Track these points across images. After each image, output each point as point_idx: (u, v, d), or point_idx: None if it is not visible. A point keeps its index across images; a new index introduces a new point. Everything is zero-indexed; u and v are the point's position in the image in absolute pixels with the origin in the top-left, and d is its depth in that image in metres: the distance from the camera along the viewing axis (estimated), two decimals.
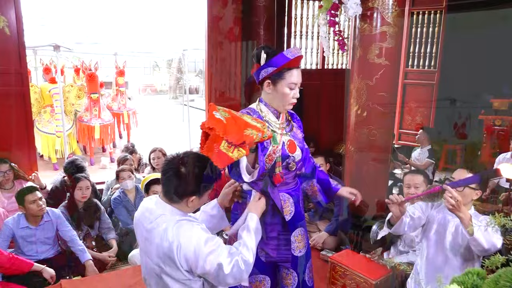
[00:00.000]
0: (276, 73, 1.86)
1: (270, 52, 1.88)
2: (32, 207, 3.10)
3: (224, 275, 1.50)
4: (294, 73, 1.87)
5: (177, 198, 1.59)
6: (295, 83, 1.88)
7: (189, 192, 1.58)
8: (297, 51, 1.89)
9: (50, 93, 6.05)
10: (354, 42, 3.79)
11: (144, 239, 1.63)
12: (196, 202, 1.62)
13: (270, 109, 1.95)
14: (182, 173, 1.55)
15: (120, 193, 3.99)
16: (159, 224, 1.56)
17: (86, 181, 3.61)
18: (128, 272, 3.20)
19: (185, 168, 1.55)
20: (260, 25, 5.34)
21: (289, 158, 1.94)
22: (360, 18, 3.59)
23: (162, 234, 1.53)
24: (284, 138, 1.95)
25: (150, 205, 1.67)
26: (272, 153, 1.89)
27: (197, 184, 1.58)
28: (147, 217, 1.63)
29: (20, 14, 4.11)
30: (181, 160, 1.57)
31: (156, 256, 1.56)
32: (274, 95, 1.91)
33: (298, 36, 6.39)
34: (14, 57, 4.13)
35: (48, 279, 2.97)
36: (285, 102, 1.91)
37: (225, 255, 1.53)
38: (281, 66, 1.84)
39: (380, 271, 2.59)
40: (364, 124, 3.68)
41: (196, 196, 1.60)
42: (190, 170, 1.55)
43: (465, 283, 1.19)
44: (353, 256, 2.84)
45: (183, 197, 1.59)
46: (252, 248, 1.63)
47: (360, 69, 3.69)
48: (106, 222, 3.72)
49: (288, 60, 1.83)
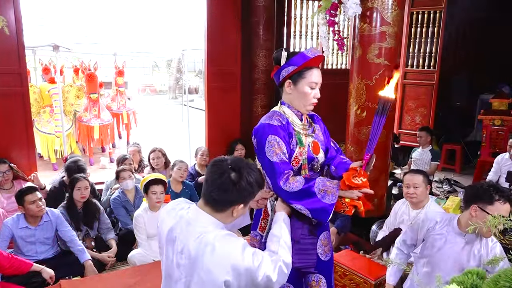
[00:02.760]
0: (296, 72, 1.85)
1: (290, 53, 1.88)
2: (31, 207, 3.10)
3: (272, 284, 1.46)
4: (314, 72, 1.86)
5: (224, 207, 1.47)
6: (315, 83, 1.87)
7: (239, 200, 1.47)
8: (316, 50, 1.89)
9: (49, 93, 6.05)
10: (354, 42, 3.79)
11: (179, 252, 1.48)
12: (241, 211, 1.51)
13: (294, 111, 1.93)
14: (234, 180, 1.43)
15: (120, 193, 3.99)
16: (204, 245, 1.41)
17: (85, 181, 3.60)
18: (128, 272, 3.19)
19: (237, 175, 1.44)
20: (259, 25, 5.34)
21: (314, 160, 1.92)
22: (360, 18, 3.59)
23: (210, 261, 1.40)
24: (308, 140, 1.93)
25: (185, 215, 1.51)
26: (299, 155, 1.87)
27: (249, 191, 1.47)
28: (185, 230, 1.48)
29: (19, 14, 4.11)
30: (231, 166, 1.45)
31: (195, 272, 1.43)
32: (295, 95, 1.90)
33: (298, 36, 6.39)
34: (13, 57, 4.12)
35: (47, 279, 2.96)
36: (306, 101, 1.89)
37: (269, 265, 1.46)
38: (302, 65, 1.83)
39: (380, 271, 2.59)
40: (364, 124, 3.68)
41: (243, 204, 1.49)
42: (243, 176, 1.44)
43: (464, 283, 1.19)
44: (353, 256, 2.84)
45: (230, 206, 1.47)
46: (288, 246, 1.60)
47: (359, 69, 3.69)
48: (105, 223, 3.72)
49: (308, 59, 1.82)
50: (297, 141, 1.87)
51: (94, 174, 5.46)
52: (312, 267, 1.92)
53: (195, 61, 20.16)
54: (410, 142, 6.37)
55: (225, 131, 5.42)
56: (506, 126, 5.46)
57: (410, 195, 2.99)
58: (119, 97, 7.28)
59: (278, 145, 1.79)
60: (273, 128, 1.82)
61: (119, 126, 7.58)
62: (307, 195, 1.72)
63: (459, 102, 6.64)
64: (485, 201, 1.98)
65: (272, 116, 1.88)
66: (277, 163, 1.77)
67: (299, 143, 1.87)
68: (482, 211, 1.97)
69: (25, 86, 4.32)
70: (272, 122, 1.84)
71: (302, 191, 1.73)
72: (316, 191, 1.72)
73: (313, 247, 1.93)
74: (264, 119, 1.88)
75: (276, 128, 1.82)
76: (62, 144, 5.90)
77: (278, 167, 1.77)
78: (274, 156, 1.78)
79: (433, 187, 5.15)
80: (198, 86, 20.96)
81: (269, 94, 5.55)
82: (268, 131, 1.81)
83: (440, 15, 6.29)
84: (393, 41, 3.56)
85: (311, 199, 1.72)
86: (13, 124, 4.25)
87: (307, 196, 1.72)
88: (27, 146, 4.38)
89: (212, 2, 5.11)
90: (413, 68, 6.66)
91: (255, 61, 5.44)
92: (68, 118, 6.27)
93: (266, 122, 1.85)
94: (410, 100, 6.73)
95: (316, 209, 1.72)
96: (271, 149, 1.78)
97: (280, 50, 1.91)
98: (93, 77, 6.28)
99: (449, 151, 6.44)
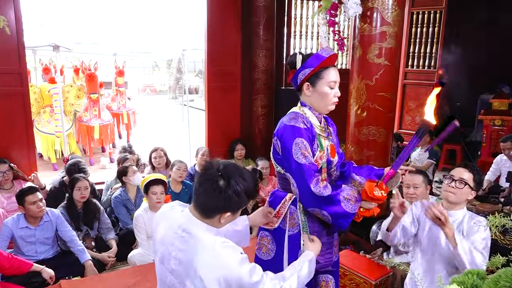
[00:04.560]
0: (314, 73, 1.82)
1: (304, 55, 1.87)
2: (32, 208, 3.10)
3: None
4: (331, 71, 1.84)
5: (210, 213, 1.44)
6: (334, 81, 1.84)
7: (225, 208, 1.43)
8: (330, 49, 1.87)
9: (49, 93, 6.05)
10: (354, 42, 3.79)
11: (173, 257, 1.46)
12: (229, 218, 1.47)
13: (314, 113, 1.90)
14: (221, 187, 1.39)
15: (122, 192, 3.99)
16: (198, 251, 1.40)
17: (85, 182, 3.60)
18: (128, 272, 3.20)
19: (225, 183, 1.39)
20: (259, 25, 5.34)
21: (331, 163, 1.91)
22: (360, 18, 3.58)
23: (200, 264, 1.38)
24: (326, 143, 1.91)
25: (178, 219, 1.49)
26: (319, 158, 1.84)
27: (236, 200, 1.42)
28: (178, 234, 1.45)
29: (19, 14, 4.11)
30: (221, 173, 1.41)
31: (186, 276, 1.42)
32: (315, 97, 1.86)
33: (298, 36, 6.39)
34: (13, 57, 4.13)
35: (47, 279, 2.96)
36: (328, 102, 1.86)
37: (270, 285, 1.44)
38: (318, 66, 1.81)
39: (380, 271, 2.59)
40: (364, 124, 3.68)
41: (230, 212, 1.45)
42: (231, 185, 1.39)
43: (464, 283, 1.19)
44: (353, 256, 2.84)
45: (217, 213, 1.44)
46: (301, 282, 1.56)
47: (360, 69, 3.69)
48: (106, 223, 3.72)
49: (323, 59, 1.80)
50: (318, 144, 1.85)
51: (94, 174, 5.46)
52: (329, 267, 1.97)
53: (195, 61, 20.15)
54: None
55: (225, 131, 5.42)
56: (507, 126, 5.46)
57: (410, 195, 2.99)
58: (119, 97, 7.28)
59: (305, 148, 1.76)
60: (299, 131, 1.78)
61: (119, 126, 7.58)
62: (333, 202, 1.73)
63: (459, 102, 6.63)
64: None
65: (296, 118, 1.83)
66: (306, 166, 1.74)
67: (320, 146, 1.85)
68: None
69: (25, 86, 4.32)
70: (297, 124, 1.80)
71: (330, 197, 1.72)
72: (341, 199, 1.72)
73: (330, 246, 1.97)
74: (288, 121, 1.82)
75: (302, 131, 1.79)
76: (62, 144, 5.89)
77: (308, 169, 1.73)
78: (303, 158, 1.74)
79: (433, 187, 5.15)
80: (198, 86, 20.95)
81: (269, 94, 5.55)
82: (295, 134, 1.77)
83: (440, 15, 6.29)
84: (394, 41, 3.56)
85: (336, 206, 1.73)
86: (13, 124, 4.25)
87: (332, 203, 1.73)
88: (27, 146, 4.38)
89: (212, 2, 5.11)
90: (413, 68, 6.66)
91: (255, 61, 5.44)
92: (68, 118, 6.26)
93: (291, 124, 1.80)
94: (410, 100, 6.73)
95: (338, 215, 1.73)
96: (299, 152, 1.75)
97: (294, 54, 1.88)
98: (93, 77, 6.28)
99: (449, 151, 6.44)
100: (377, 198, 1.74)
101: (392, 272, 2.63)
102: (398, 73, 4.01)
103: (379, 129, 3.70)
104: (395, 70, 3.74)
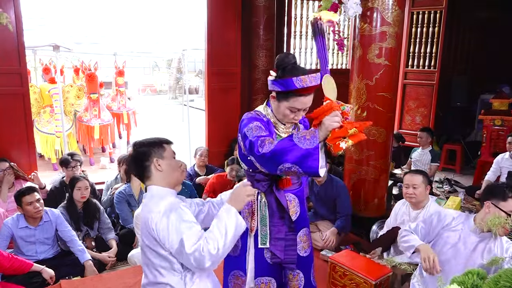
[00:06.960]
0: (282, 93, 1.78)
1: (288, 67, 1.76)
2: (28, 208, 3.09)
3: (186, 253, 1.49)
4: (299, 99, 1.76)
5: (143, 171, 1.69)
6: (298, 109, 1.79)
7: (146, 157, 1.68)
8: (310, 80, 1.71)
9: (49, 93, 6.05)
10: (354, 42, 3.79)
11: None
12: (164, 164, 1.69)
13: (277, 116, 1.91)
14: (133, 151, 1.74)
15: (126, 187, 3.98)
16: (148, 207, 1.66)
17: (85, 181, 3.60)
18: (128, 272, 3.20)
19: (133, 146, 1.75)
20: (260, 25, 5.34)
21: None
22: (360, 18, 3.59)
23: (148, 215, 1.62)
24: None
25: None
26: None
27: (147, 145, 1.71)
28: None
29: (19, 14, 4.11)
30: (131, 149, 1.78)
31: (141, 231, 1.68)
32: (277, 110, 1.87)
33: (298, 36, 6.40)
34: (13, 57, 4.13)
35: (47, 279, 2.97)
36: (285, 119, 1.88)
37: (192, 236, 1.51)
38: (287, 91, 1.75)
39: (380, 271, 2.59)
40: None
41: (156, 157, 1.68)
42: (136, 143, 1.75)
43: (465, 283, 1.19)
44: (353, 256, 2.84)
45: (146, 166, 1.68)
46: (219, 247, 1.50)
47: (360, 69, 3.69)
48: (106, 223, 3.72)
49: (294, 88, 1.72)
50: (276, 138, 1.84)
51: (94, 174, 5.46)
52: (293, 263, 1.98)
53: (195, 61, 20.15)
54: (410, 142, 6.36)
55: (225, 131, 5.42)
56: (507, 126, 5.46)
57: (409, 195, 2.98)
58: (119, 97, 7.28)
59: (259, 128, 1.75)
60: (253, 118, 1.84)
61: (119, 126, 7.59)
62: (288, 149, 1.58)
63: (459, 102, 6.63)
64: (499, 198, 2.06)
65: (253, 112, 1.91)
66: (254, 137, 1.69)
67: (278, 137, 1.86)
68: (495, 207, 2.04)
69: (25, 86, 4.32)
70: (252, 115, 1.87)
71: (282, 146, 1.59)
72: (295, 142, 1.58)
73: (293, 243, 1.98)
74: (247, 114, 1.90)
75: (256, 118, 1.85)
76: (62, 144, 5.90)
77: (256, 140, 1.67)
78: (253, 135, 1.71)
79: (433, 187, 5.15)
80: (198, 86, 20.93)
81: (269, 94, 5.54)
82: (249, 121, 1.81)
83: (440, 15, 6.28)
84: (394, 41, 3.56)
85: (293, 150, 1.57)
86: (13, 124, 4.25)
87: (288, 151, 1.58)
88: (27, 146, 4.38)
89: (212, 2, 5.11)
90: (413, 68, 6.66)
91: (255, 61, 5.44)
92: (68, 118, 6.27)
93: (248, 116, 1.87)
94: (410, 100, 6.73)
95: (301, 158, 1.56)
96: (252, 132, 1.73)
97: (283, 55, 1.81)
98: (93, 77, 6.29)
99: (449, 151, 6.43)
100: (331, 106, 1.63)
101: (392, 272, 2.63)
102: (398, 73, 4.01)
103: (379, 129, 3.70)
104: (395, 70, 3.74)
